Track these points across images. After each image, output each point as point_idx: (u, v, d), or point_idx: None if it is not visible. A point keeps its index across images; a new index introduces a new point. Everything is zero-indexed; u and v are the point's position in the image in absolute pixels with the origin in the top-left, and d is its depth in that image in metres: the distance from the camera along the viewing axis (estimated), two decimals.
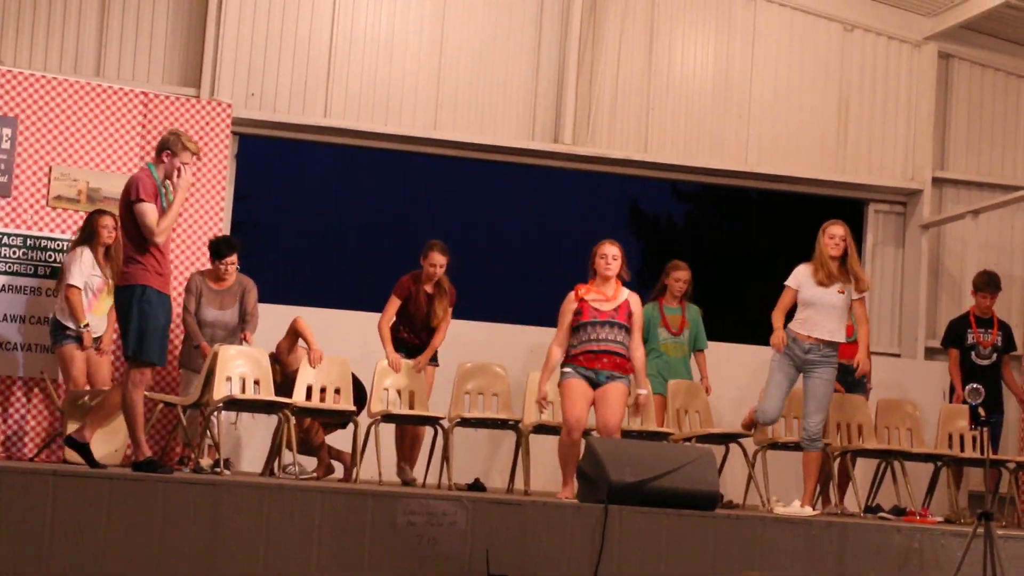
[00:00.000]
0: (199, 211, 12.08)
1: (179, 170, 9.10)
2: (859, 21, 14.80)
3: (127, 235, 9.10)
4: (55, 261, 11.44)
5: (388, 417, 10.67)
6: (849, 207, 15.30)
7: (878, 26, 14.82)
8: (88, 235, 10.90)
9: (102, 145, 11.82)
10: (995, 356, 11.85)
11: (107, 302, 10.75)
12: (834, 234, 10.09)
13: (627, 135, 14.24)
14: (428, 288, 11.06)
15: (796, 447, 10.69)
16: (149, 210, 8.94)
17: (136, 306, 8.92)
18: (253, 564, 7.94)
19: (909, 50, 14.87)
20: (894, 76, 14.87)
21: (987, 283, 11.91)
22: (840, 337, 10.07)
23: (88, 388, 10.74)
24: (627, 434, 10.54)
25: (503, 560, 8.16)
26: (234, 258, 11.13)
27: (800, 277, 10.11)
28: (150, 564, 7.81)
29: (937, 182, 14.81)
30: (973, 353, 11.81)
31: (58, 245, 11.48)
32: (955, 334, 12.01)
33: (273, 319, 11.99)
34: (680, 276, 11.66)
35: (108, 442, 10.54)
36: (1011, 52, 15.01)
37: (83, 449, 9.13)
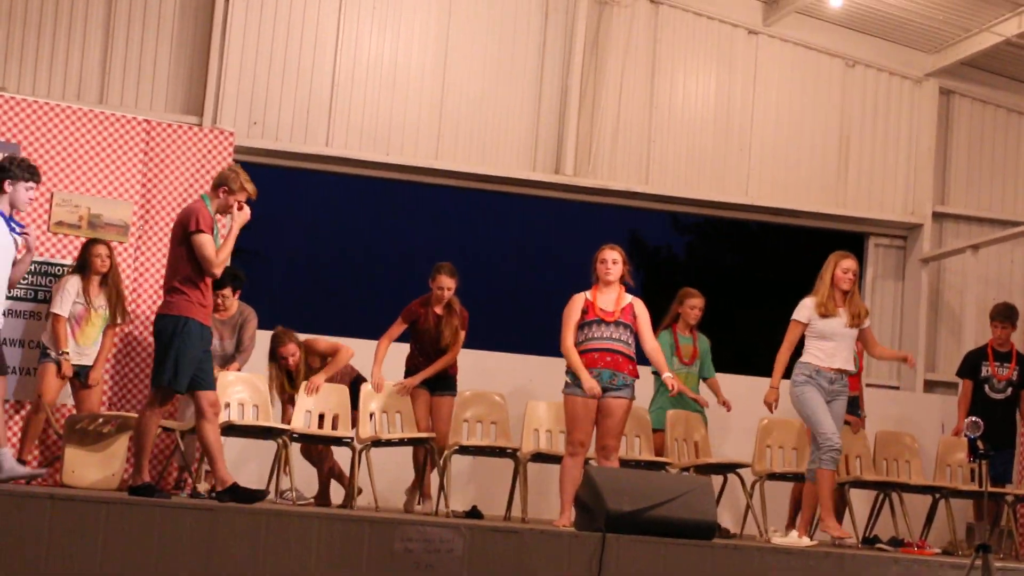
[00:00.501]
0: None
1: (235, 206, 9.13)
2: (861, 57, 14.87)
3: (176, 264, 9.04)
4: None
5: (375, 442, 10.66)
6: (849, 240, 15.35)
7: (880, 62, 14.88)
8: (81, 264, 10.92)
9: (104, 172, 11.84)
10: (1010, 391, 11.63)
11: (94, 331, 10.84)
12: (847, 268, 10.08)
13: (628, 167, 14.29)
14: (438, 310, 11.06)
15: (795, 478, 10.68)
16: (208, 242, 8.96)
17: (176, 337, 8.91)
18: None
19: (910, 86, 14.93)
20: (895, 111, 14.92)
21: (1001, 313, 11.75)
22: (852, 366, 10.07)
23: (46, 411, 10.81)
24: (625, 463, 10.54)
25: None
26: (227, 291, 11.12)
27: (808, 311, 10.07)
28: None
29: (937, 216, 14.86)
30: (987, 386, 11.62)
31: (59, 271, 11.50)
32: (970, 365, 11.84)
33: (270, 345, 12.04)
34: (695, 304, 11.53)
35: (105, 466, 10.53)
36: (1011, 89, 15.07)
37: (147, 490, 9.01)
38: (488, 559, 8.22)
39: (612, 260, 9.93)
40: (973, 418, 8.96)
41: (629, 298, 9.92)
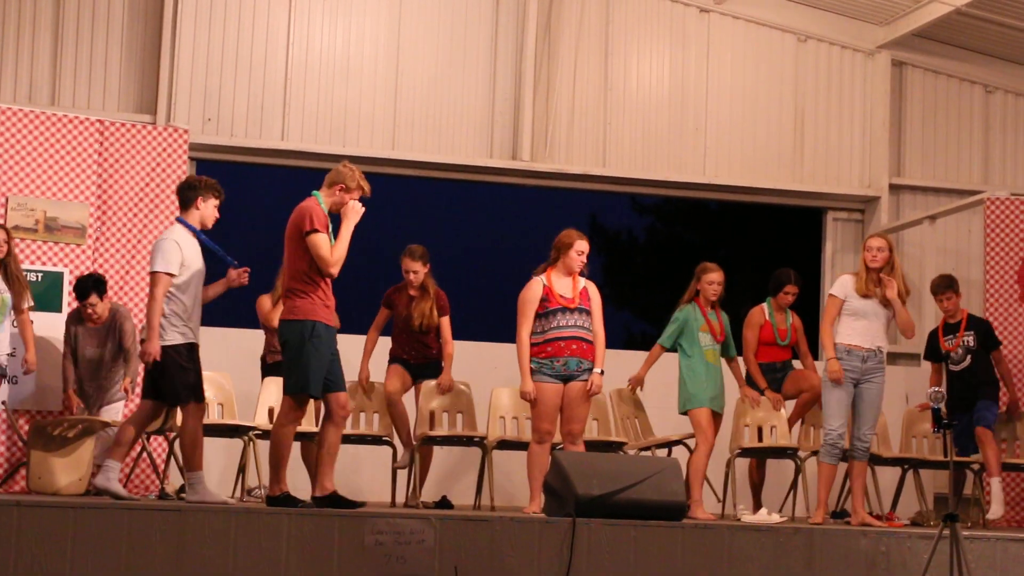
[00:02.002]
0: (157, 238, 12.01)
1: (349, 204, 8.99)
2: (812, 31, 14.90)
3: (295, 266, 8.88)
4: None
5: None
6: (808, 216, 15.43)
7: (831, 36, 14.93)
8: None
9: (59, 174, 11.76)
10: (969, 358, 11.39)
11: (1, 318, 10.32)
12: (871, 247, 10.16)
13: (585, 150, 14.29)
14: (412, 292, 11.02)
15: (766, 453, 10.71)
16: (324, 241, 8.81)
17: (306, 342, 8.77)
18: None
19: (863, 59, 14.98)
20: (848, 85, 14.97)
21: (939, 286, 11.63)
22: (886, 343, 10.10)
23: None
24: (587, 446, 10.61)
25: None
26: (93, 298, 10.79)
27: (845, 288, 10.13)
28: None
29: (894, 189, 14.92)
30: (948, 362, 11.46)
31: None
32: (930, 347, 11.70)
33: (234, 343, 12.01)
34: (714, 279, 10.82)
35: (72, 471, 10.46)
36: (963, 58, 15.13)
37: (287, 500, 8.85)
38: (459, 549, 8.23)
39: (586, 254, 9.95)
40: (937, 388, 9.00)
41: (583, 282, 9.92)
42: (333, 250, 8.84)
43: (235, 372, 11.45)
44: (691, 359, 10.56)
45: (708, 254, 11.02)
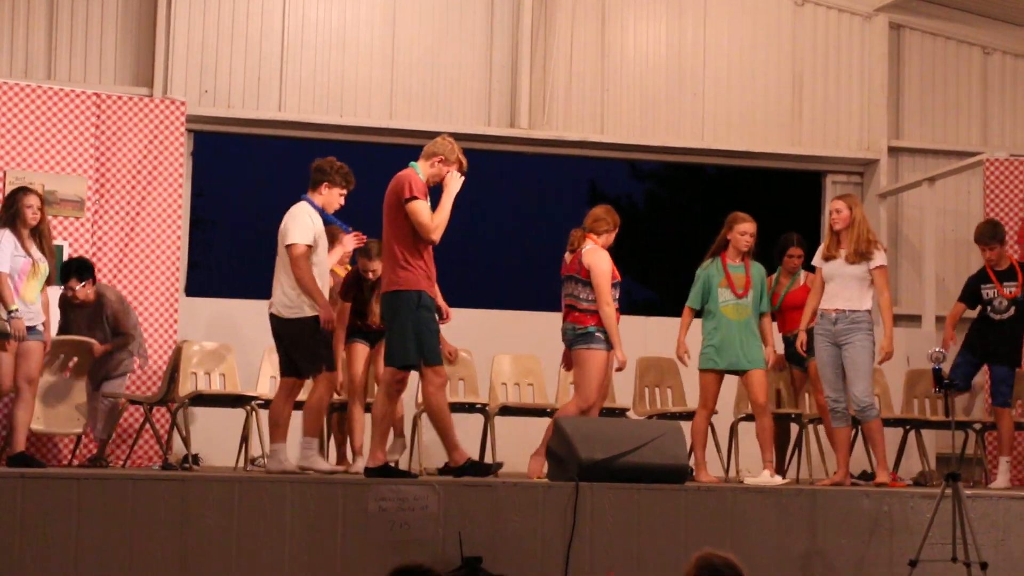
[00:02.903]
0: (156, 210, 12.03)
1: (450, 173, 9.03)
2: None
3: (396, 237, 8.83)
4: None
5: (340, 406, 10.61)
6: (807, 179, 15.43)
7: None
8: (11, 216, 9.74)
9: (56, 148, 11.76)
10: (1013, 309, 10.94)
11: (37, 286, 9.84)
12: (831, 209, 10.11)
13: (583, 117, 14.26)
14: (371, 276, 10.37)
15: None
16: (424, 208, 8.80)
17: (415, 313, 8.76)
18: (225, 558, 7.92)
19: (860, 22, 14.94)
20: (846, 48, 14.93)
21: (984, 235, 11.13)
22: (861, 305, 9.87)
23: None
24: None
25: (476, 542, 8.16)
26: (72, 282, 10.68)
27: (817, 255, 10.14)
28: (121, 562, 7.78)
29: (893, 151, 14.90)
30: (989, 308, 10.98)
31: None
32: (970, 289, 11.20)
33: (234, 314, 12.03)
34: (746, 229, 10.35)
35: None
36: (960, 20, 15.10)
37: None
38: (463, 514, 8.24)
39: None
40: (938, 349, 8.99)
41: (588, 245, 9.92)
42: (434, 216, 8.84)
43: (237, 343, 11.46)
44: (707, 317, 10.34)
45: (707, 219, 11.00)
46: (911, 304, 13.94)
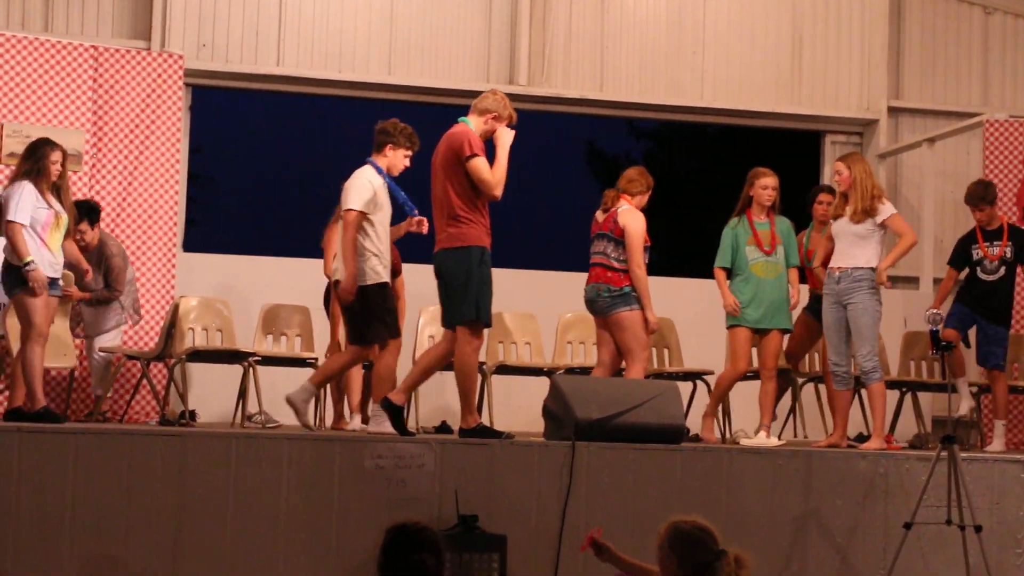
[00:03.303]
0: (154, 165, 11.99)
1: (501, 128, 9.03)
2: None
3: (455, 193, 8.77)
4: None
5: None
6: (806, 139, 15.37)
7: None
8: (36, 170, 9.55)
9: (53, 101, 11.71)
10: (1003, 269, 10.91)
11: (59, 238, 9.65)
12: (834, 170, 10.17)
13: (582, 74, 14.20)
14: None
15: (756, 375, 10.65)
16: (484, 165, 8.79)
17: (476, 270, 8.73)
18: (222, 513, 7.95)
19: None
20: (847, 6, 14.86)
21: (974, 195, 11.11)
22: (863, 262, 9.82)
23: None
24: (584, 370, 10.64)
25: (472, 500, 8.19)
26: (84, 225, 10.64)
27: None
28: (118, 517, 7.81)
29: (893, 111, 14.85)
30: (979, 269, 10.96)
31: None
32: (959, 252, 11.20)
33: (231, 270, 12.01)
34: (768, 183, 10.32)
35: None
36: None
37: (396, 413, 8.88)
38: (459, 472, 8.27)
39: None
40: (935, 310, 8.99)
41: (623, 206, 10.07)
42: (493, 172, 8.83)
43: (235, 299, 11.46)
44: (737, 276, 10.27)
45: (706, 178, 10.99)
46: (909, 266, 13.90)
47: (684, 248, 10.20)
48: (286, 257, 13.03)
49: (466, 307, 8.74)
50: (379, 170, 9.22)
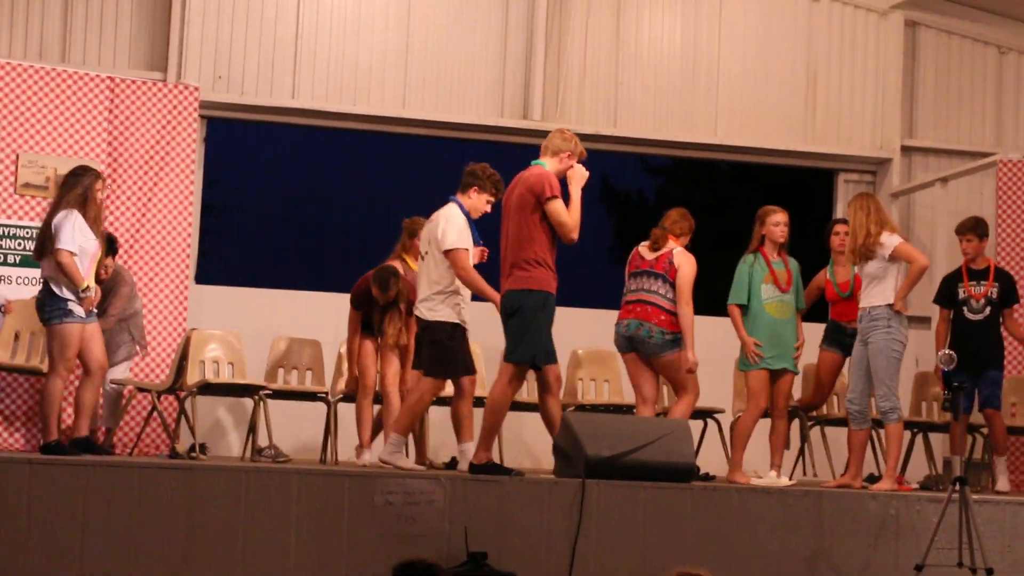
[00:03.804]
0: (168, 196, 12.01)
1: (575, 168, 9.22)
2: None
3: (528, 235, 8.95)
4: (25, 249, 11.36)
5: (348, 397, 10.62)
6: (819, 177, 15.37)
7: None
8: (82, 199, 9.59)
9: (69, 131, 11.75)
10: (989, 310, 10.92)
11: (95, 267, 9.69)
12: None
13: (596, 110, 14.23)
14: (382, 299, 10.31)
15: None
16: (563, 207, 8.95)
17: (541, 312, 8.93)
18: (231, 547, 7.94)
19: (876, 19, 14.89)
20: (861, 45, 14.88)
21: (967, 226, 11.19)
22: (878, 300, 9.83)
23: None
24: (594, 408, 10.62)
25: (482, 537, 8.18)
26: (109, 260, 10.62)
27: None
28: (128, 550, 7.81)
29: (906, 150, 14.85)
30: (965, 308, 10.96)
31: (28, 233, 11.41)
32: (944, 290, 11.23)
33: (244, 303, 12.02)
34: (779, 219, 10.28)
35: None
36: (976, 18, 15.04)
37: None
38: (469, 509, 8.26)
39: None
40: (947, 351, 8.98)
41: (675, 247, 10.14)
42: (570, 214, 8.96)
43: (247, 332, 11.47)
44: (751, 314, 10.20)
45: (719, 215, 10.98)
46: (921, 306, 13.86)
47: (696, 284, 10.14)
48: (299, 290, 13.04)
49: (522, 349, 8.93)
50: (463, 209, 9.40)
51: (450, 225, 9.28)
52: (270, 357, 11.11)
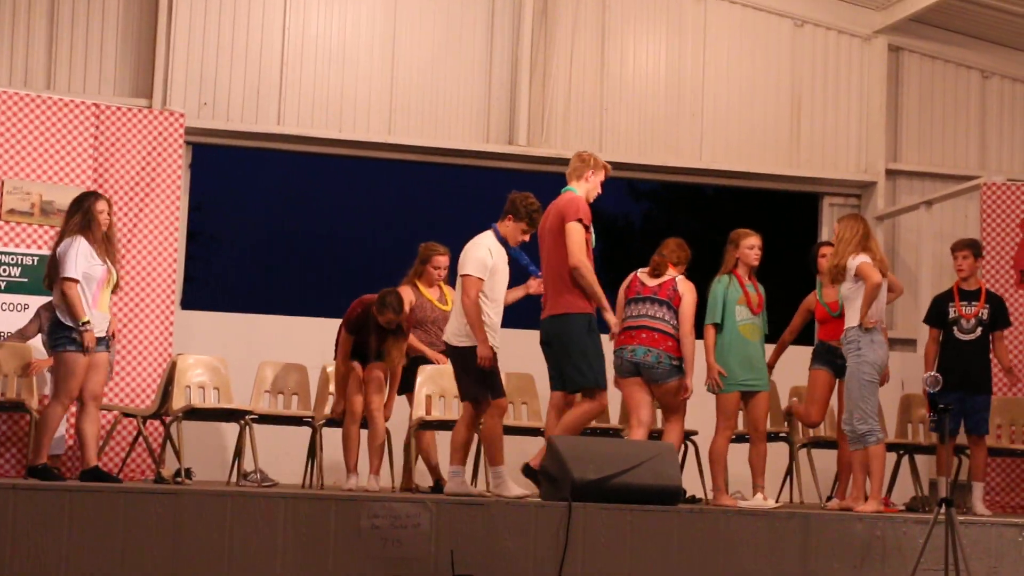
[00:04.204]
0: (154, 222, 12.00)
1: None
2: (809, 16, 14.89)
3: (564, 259, 9.17)
4: (9, 275, 11.35)
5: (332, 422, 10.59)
6: (804, 201, 15.42)
7: (828, 20, 14.91)
8: (85, 222, 9.57)
9: (54, 158, 11.74)
10: (980, 331, 10.90)
11: (108, 293, 9.69)
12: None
13: (582, 135, 14.26)
14: (384, 322, 10.22)
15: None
16: (578, 232, 9.21)
17: (589, 335, 9.11)
18: (217, 572, 7.92)
19: (859, 44, 14.97)
20: (845, 70, 14.96)
21: (961, 243, 11.22)
22: (850, 323, 9.81)
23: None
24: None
25: (468, 560, 8.16)
26: None
27: None
28: (113, 575, 7.77)
29: (890, 174, 14.91)
30: (955, 328, 10.92)
31: (13, 259, 11.40)
32: (935, 310, 11.18)
33: (229, 328, 12.01)
34: (753, 243, 10.29)
35: None
36: (959, 43, 15.12)
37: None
38: (455, 532, 8.24)
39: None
40: (932, 373, 8.99)
41: (676, 275, 10.15)
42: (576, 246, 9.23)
43: (232, 357, 11.45)
44: (724, 335, 10.19)
45: (705, 239, 10.99)
46: (906, 328, 13.93)
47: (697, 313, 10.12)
48: (284, 315, 13.04)
49: (585, 371, 9.13)
50: (499, 237, 9.50)
51: (472, 250, 9.41)
52: (256, 382, 11.09)
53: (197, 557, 7.90)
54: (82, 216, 9.59)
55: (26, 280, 11.43)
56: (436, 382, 10.79)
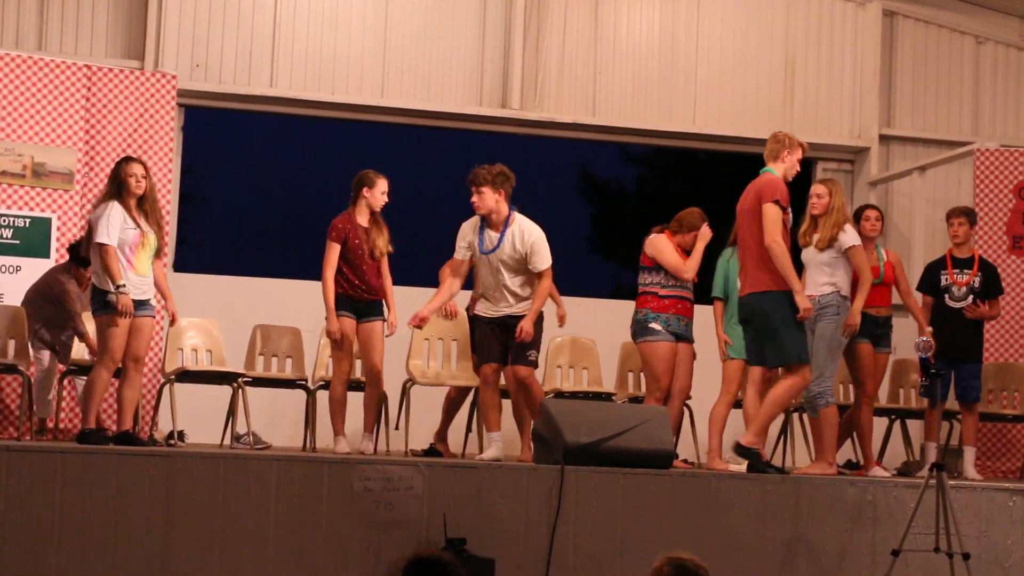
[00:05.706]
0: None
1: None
2: None
3: (760, 238, 9.24)
4: (1, 237, 11.33)
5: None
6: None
7: None
8: (116, 188, 9.44)
9: (46, 119, 11.71)
10: (971, 298, 10.93)
11: (147, 258, 9.46)
12: (812, 193, 10.25)
13: (575, 99, 14.24)
14: (364, 223, 10.01)
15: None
16: (775, 214, 9.24)
17: (792, 311, 9.15)
18: (210, 533, 7.93)
19: (854, 8, 14.93)
20: (839, 35, 14.92)
21: (956, 210, 11.24)
22: (828, 289, 9.82)
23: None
24: (573, 394, 10.63)
25: (460, 524, 8.18)
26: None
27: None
28: (105, 537, 7.79)
29: (884, 139, 14.90)
30: (947, 295, 10.98)
31: (5, 221, 11.38)
32: (928, 277, 11.22)
33: (222, 291, 12.00)
34: None
35: None
36: (953, 8, 15.10)
37: None
38: (448, 495, 8.26)
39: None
40: (924, 337, 9.00)
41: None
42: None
43: (225, 320, 11.45)
44: (729, 306, 10.35)
45: (697, 204, 10.96)
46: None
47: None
48: (277, 278, 13.03)
49: (794, 347, 9.20)
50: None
51: (542, 243, 9.77)
52: (249, 345, 11.10)
53: (190, 519, 7.92)
54: (113, 181, 9.51)
55: (18, 242, 11.43)
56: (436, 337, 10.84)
